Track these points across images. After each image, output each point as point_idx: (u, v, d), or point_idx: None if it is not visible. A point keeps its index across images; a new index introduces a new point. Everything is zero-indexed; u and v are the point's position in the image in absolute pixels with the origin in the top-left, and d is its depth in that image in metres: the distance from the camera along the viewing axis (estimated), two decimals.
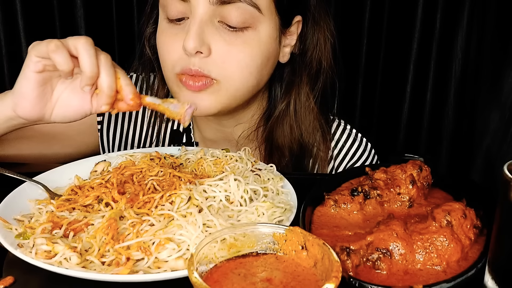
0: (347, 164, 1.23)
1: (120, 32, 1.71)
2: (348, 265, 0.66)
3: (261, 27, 1.00)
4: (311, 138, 1.16)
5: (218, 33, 0.98)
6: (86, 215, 0.79)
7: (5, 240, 0.72)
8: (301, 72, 1.13)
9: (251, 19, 0.98)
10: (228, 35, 0.98)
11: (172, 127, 1.24)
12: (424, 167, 0.87)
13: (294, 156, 1.15)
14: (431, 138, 1.80)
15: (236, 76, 1.01)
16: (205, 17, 0.97)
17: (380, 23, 1.72)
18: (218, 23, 0.98)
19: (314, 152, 1.17)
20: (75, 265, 0.69)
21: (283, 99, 1.14)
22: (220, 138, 1.21)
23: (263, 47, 1.02)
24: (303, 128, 1.14)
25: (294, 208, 0.83)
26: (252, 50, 1.00)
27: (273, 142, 1.14)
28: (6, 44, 1.67)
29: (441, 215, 0.71)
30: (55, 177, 0.94)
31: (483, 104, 1.65)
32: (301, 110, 1.14)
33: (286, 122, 1.14)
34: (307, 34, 1.10)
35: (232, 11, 0.96)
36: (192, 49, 0.96)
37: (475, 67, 1.69)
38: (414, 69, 1.74)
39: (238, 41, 0.99)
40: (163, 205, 0.79)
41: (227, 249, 0.61)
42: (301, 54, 1.12)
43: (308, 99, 1.13)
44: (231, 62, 0.99)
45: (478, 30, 1.66)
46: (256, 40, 1.00)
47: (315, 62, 1.12)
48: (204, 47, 0.97)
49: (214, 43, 0.98)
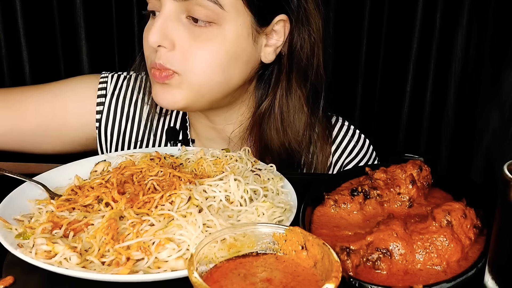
0: (344, 160, 1.22)
1: (120, 32, 1.71)
2: (348, 265, 0.66)
3: (226, 25, 1.00)
4: (303, 141, 1.14)
5: (184, 28, 0.99)
6: (86, 215, 0.79)
7: (5, 240, 0.72)
8: (288, 72, 1.11)
9: (214, 15, 0.98)
10: (193, 30, 0.99)
11: (169, 124, 1.24)
12: (424, 167, 0.87)
13: (283, 159, 1.13)
14: (431, 138, 1.80)
15: (196, 71, 1.01)
16: (170, 13, 0.98)
17: (380, 23, 1.72)
18: (186, 19, 0.99)
19: (311, 151, 1.16)
20: (75, 265, 0.69)
21: (266, 98, 1.13)
22: (214, 136, 1.21)
23: (228, 45, 1.01)
24: (293, 130, 1.13)
25: (294, 208, 0.83)
26: (214, 46, 1.00)
27: (264, 142, 1.14)
28: (6, 44, 1.67)
29: (441, 215, 0.71)
30: (55, 177, 0.94)
31: (483, 103, 1.65)
32: (288, 111, 1.12)
33: (273, 123, 1.12)
34: (292, 34, 1.08)
35: (195, 6, 0.97)
36: (153, 43, 0.98)
37: (475, 66, 1.68)
38: (414, 69, 1.73)
39: (202, 37, 0.99)
40: (163, 205, 0.79)
41: (227, 249, 0.61)
42: (288, 54, 1.10)
43: (295, 99, 1.12)
44: (191, 56, 1.00)
45: (478, 29, 1.66)
46: (219, 37, 1.00)
47: (302, 63, 1.10)
48: (167, 42, 0.98)
49: (178, 38, 0.99)
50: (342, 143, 1.22)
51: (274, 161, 1.06)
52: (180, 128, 1.23)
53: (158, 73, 1.01)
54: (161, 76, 1.01)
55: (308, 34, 1.09)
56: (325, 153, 1.18)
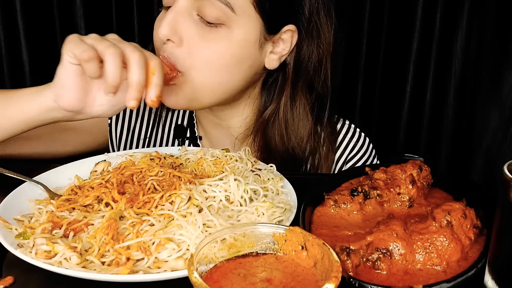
0: (346, 158, 1.24)
1: (120, 32, 1.70)
2: (348, 265, 0.66)
3: (235, 27, 1.00)
4: (307, 147, 1.16)
5: (194, 26, 0.99)
6: (86, 215, 0.79)
7: (5, 240, 0.72)
8: (293, 81, 1.12)
9: (224, 17, 0.99)
10: (203, 29, 1.00)
11: (177, 122, 1.25)
12: (424, 167, 0.87)
13: (288, 164, 1.14)
14: (431, 138, 1.80)
15: (199, 70, 1.01)
16: (183, 8, 0.99)
17: (380, 23, 1.72)
18: (197, 16, 1.00)
19: (311, 159, 1.17)
20: (75, 265, 0.69)
21: (270, 105, 1.14)
22: (221, 134, 1.23)
23: (234, 48, 1.02)
24: (297, 137, 1.14)
25: (294, 208, 0.83)
26: (221, 47, 1.01)
27: (268, 147, 1.15)
28: (6, 44, 1.67)
29: (441, 215, 0.71)
30: (55, 177, 0.94)
31: (483, 103, 1.65)
32: (293, 118, 1.13)
33: (277, 129, 1.14)
34: (300, 45, 1.09)
35: (207, 6, 0.98)
36: (163, 36, 0.99)
37: (475, 66, 1.68)
38: (414, 69, 1.73)
39: (209, 37, 1.00)
40: (163, 205, 0.79)
41: (227, 249, 0.61)
42: (294, 64, 1.11)
43: (300, 107, 1.13)
44: (197, 55, 1.00)
45: (478, 29, 1.66)
46: (227, 38, 1.00)
47: (309, 74, 1.12)
48: (175, 36, 0.99)
49: (187, 34, 0.99)
50: (343, 142, 1.24)
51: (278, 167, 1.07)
52: (187, 125, 1.25)
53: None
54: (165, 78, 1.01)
55: (316, 47, 1.10)
56: (328, 161, 1.19)
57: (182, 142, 1.24)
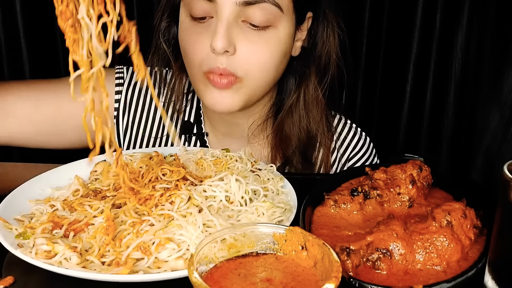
0: (348, 156, 1.26)
1: None
2: (348, 265, 0.66)
3: (280, 26, 1.04)
4: (319, 127, 1.19)
5: (242, 33, 1.02)
6: (86, 214, 0.79)
7: (5, 240, 0.72)
8: (311, 65, 1.16)
9: (273, 19, 1.02)
10: (251, 34, 1.02)
11: (183, 118, 1.26)
12: (424, 167, 0.87)
13: (302, 144, 1.18)
14: (431, 138, 1.80)
15: (257, 74, 1.05)
16: (231, 18, 1.00)
17: (380, 23, 1.72)
18: (241, 23, 1.01)
19: (319, 140, 1.21)
20: (75, 265, 0.69)
21: (294, 91, 1.18)
22: (230, 129, 1.23)
23: (282, 45, 1.06)
24: (311, 118, 1.18)
25: (294, 208, 0.83)
26: (273, 48, 1.04)
27: (283, 131, 1.18)
28: (6, 44, 1.67)
29: (441, 215, 0.71)
30: (55, 177, 0.94)
31: (483, 103, 1.64)
32: (309, 101, 1.17)
33: (296, 113, 1.17)
34: (317, 29, 1.14)
35: (256, 11, 1.00)
36: (221, 49, 0.99)
37: (475, 66, 1.68)
38: (414, 69, 1.73)
39: (261, 40, 1.02)
40: (163, 205, 0.79)
41: (227, 249, 0.61)
42: (311, 48, 1.16)
43: (316, 91, 1.17)
44: (253, 60, 1.03)
45: (478, 29, 1.65)
46: (276, 38, 1.04)
47: (324, 56, 1.16)
48: (231, 47, 1.01)
49: (239, 42, 1.01)
50: (345, 141, 1.26)
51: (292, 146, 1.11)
52: (194, 121, 1.25)
53: (219, 79, 1.03)
54: (222, 83, 1.03)
55: (331, 30, 1.15)
56: (327, 147, 1.22)
57: (188, 138, 1.24)
